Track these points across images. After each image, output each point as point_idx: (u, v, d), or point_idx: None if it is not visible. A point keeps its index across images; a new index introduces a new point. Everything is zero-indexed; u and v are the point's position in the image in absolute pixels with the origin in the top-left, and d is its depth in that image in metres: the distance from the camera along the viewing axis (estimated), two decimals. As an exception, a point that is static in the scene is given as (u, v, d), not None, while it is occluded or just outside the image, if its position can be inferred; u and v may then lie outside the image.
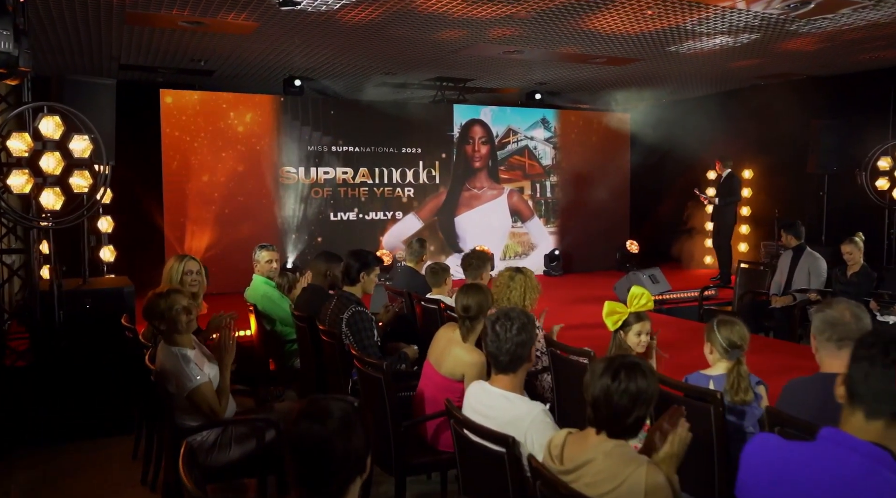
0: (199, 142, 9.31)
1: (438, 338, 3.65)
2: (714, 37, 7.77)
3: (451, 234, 10.80)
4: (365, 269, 4.30)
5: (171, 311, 3.30)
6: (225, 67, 9.39)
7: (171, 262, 4.58)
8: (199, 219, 9.30)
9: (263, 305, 5.12)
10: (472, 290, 3.55)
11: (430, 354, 3.63)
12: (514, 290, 4.33)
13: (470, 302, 3.50)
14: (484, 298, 3.54)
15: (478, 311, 3.51)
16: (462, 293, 3.54)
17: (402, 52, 8.54)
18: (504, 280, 4.39)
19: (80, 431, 4.98)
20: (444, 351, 3.53)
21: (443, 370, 3.48)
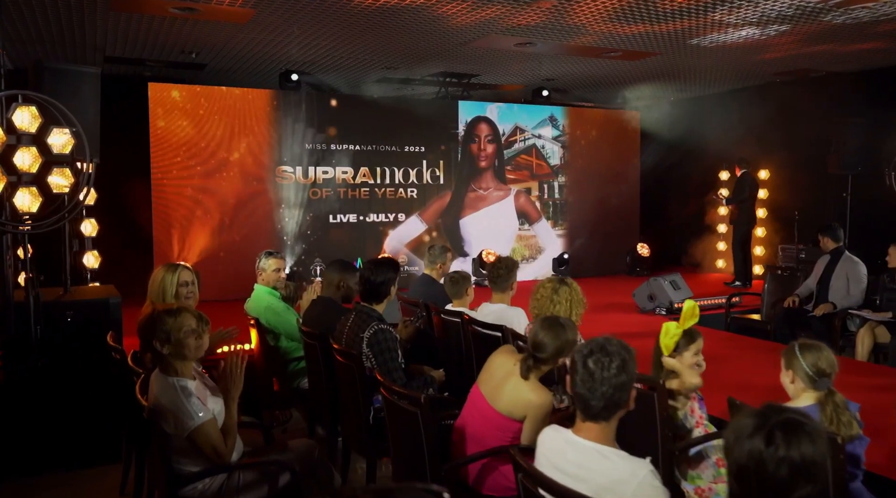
0: (189, 139, 8.74)
1: (495, 366, 3.11)
2: (741, 28, 7.31)
3: (456, 237, 10.28)
4: (393, 283, 3.77)
5: (180, 332, 2.76)
6: (217, 60, 8.84)
7: (162, 273, 4.01)
8: (190, 221, 8.73)
9: (267, 319, 4.58)
10: (555, 327, 2.96)
11: (483, 383, 3.09)
12: (559, 304, 3.83)
13: (548, 341, 2.92)
14: (566, 342, 2.94)
15: (553, 356, 2.96)
16: (543, 327, 2.96)
17: (407, 44, 8.02)
18: (547, 293, 3.88)
19: (59, 461, 4.41)
20: (503, 384, 2.99)
21: (499, 406, 2.95)
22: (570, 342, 2.99)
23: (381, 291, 3.74)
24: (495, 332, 4.23)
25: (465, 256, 10.27)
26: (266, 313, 4.58)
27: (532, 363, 2.97)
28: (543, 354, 2.95)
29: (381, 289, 3.73)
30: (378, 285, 3.72)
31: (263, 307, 4.60)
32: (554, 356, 2.97)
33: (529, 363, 2.97)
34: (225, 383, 2.83)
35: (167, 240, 8.59)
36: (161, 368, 2.81)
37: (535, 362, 2.97)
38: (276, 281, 4.82)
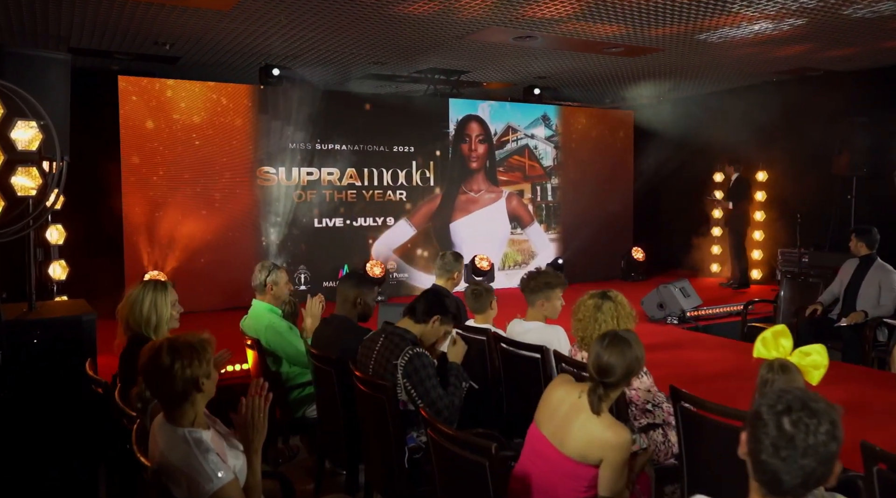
0: (164, 137, 8.07)
1: (555, 401, 2.61)
2: (756, 21, 6.94)
3: (447, 242, 9.76)
4: (442, 312, 3.25)
5: (189, 371, 2.20)
6: (193, 53, 8.20)
7: (149, 294, 3.36)
8: (165, 226, 8.06)
9: (268, 340, 4.02)
10: (619, 343, 2.53)
11: (544, 422, 2.60)
12: (605, 323, 3.35)
13: (615, 362, 2.49)
14: (635, 358, 2.53)
15: (623, 378, 2.50)
16: (605, 346, 2.51)
17: (400, 37, 7.50)
18: (588, 312, 3.40)
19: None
20: (569, 422, 2.50)
21: (568, 450, 2.46)
22: (640, 358, 2.58)
23: (429, 308, 3.21)
24: (534, 353, 3.74)
25: (456, 262, 9.75)
26: (267, 333, 4.01)
27: (603, 392, 2.50)
28: (612, 378, 2.51)
29: (432, 307, 3.21)
30: (422, 306, 3.21)
31: (264, 326, 4.03)
32: (624, 378, 2.55)
33: (600, 393, 2.50)
34: (246, 431, 2.28)
35: (139, 246, 7.91)
36: (167, 415, 2.24)
37: (605, 389, 2.50)
38: (283, 296, 4.25)
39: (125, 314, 3.35)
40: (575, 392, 2.57)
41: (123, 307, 3.41)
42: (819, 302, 6.39)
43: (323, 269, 8.79)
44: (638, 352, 2.56)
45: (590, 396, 2.49)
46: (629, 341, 2.57)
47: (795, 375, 2.55)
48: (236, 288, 8.26)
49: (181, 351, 2.22)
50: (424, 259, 9.60)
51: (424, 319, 3.22)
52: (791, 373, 2.55)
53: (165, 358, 2.20)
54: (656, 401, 3.23)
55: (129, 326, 3.36)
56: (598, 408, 2.49)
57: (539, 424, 2.62)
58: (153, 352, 2.22)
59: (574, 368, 3.44)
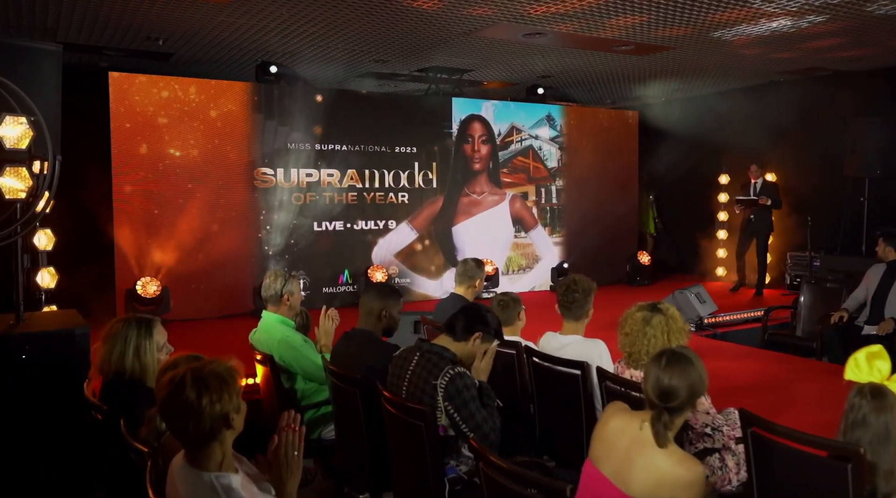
0: (156, 137, 7.70)
1: (612, 434, 2.30)
2: (775, 18, 6.70)
3: (449, 245, 9.46)
4: (484, 329, 2.95)
5: (218, 407, 1.89)
6: (187, 49, 7.85)
7: (132, 339, 2.91)
8: (158, 230, 7.69)
9: (281, 355, 3.69)
10: (679, 362, 2.24)
11: (601, 459, 2.29)
12: (655, 338, 3.06)
13: (677, 383, 2.20)
14: (698, 377, 2.24)
15: (688, 399, 2.21)
16: (663, 367, 2.23)
17: (406, 32, 7.20)
18: (636, 325, 3.10)
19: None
20: (632, 458, 2.20)
21: (633, 490, 2.15)
22: (703, 377, 2.29)
23: (470, 324, 2.90)
24: (573, 369, 3.44)
25: (458, 267, 9.45)
26: (280, 348, 3.69)
27: (668, 419, 2.21)
28: (676, 402, 2.22)
29: (473, 323, 2.90)
30: (462, 323, 2.91)
31: (277, 340, 3.70)
32: (689, 401, 2.26)
33: (665, 420, 2.20)
34: (279, 473, 1.97)
35: (131, 252, 7.54)
36: (190, 457, 1.92)
37: (670, 415, 2.21)
38: (297, 309, 3.93)
39: (104, 360, 2.93)
40: (635, 423, 2.27)
41: (102, 352, 2.96)
42: (844, 309, 6.14)
43: (323, 274, 8.47)
44: (700, 370, 2.28)
45: (654, 425, 2.20)
46: (689, 359, 2.28)
47: (891, 400, 2.27)
48: (233, 294, 7.94)
49: (208, 383, 1.90)
50: (426, 263, 9.29)
51: (465, 337, 2.91)
52: (886, 398, 2.27)
53: (190, 393, 1.88)
54: (716, 424, 2.95)
55: (107, 370, 2.96)
56: (665, 439, 2.19)
57: (596, 461, 2.31)
58: (174, 386, 1.89)
59: (621, 387, 3.15)
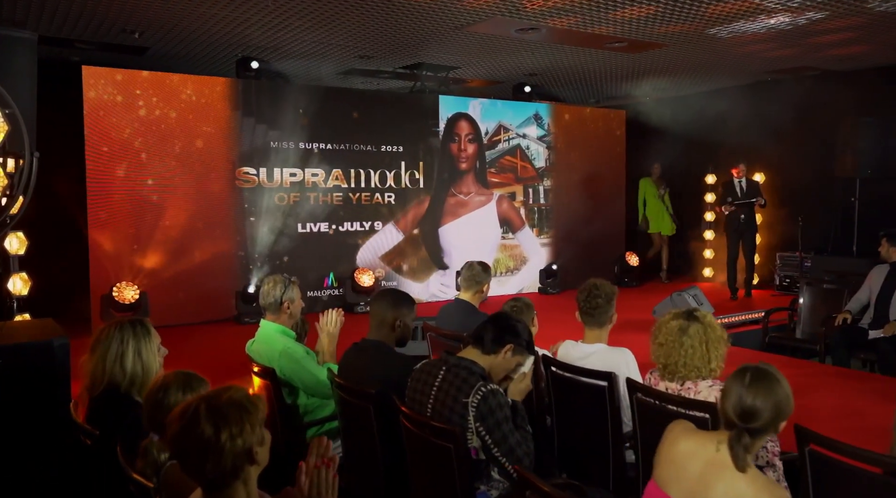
0: (132, 134, 7.33)
1: (682, 456, 2.09)
2: (774, 15, 6.58)
3: (435, 247, 9.22)
4: (515, 340, 2.72)
5: (240, 442, 1.63)
6: (164, 43, 7.51)
7: (129, 341, 2.61)
8: (134, 232, 7.32)
9: (282, 368, 3.41)
10: (765, 380, 2.03)
11: (670, 484, 2.08)
12: (693, 349, 2.86)
13: (762, 404, 2.00)
14: (785, 398, 2.04)
15: (771, 420, 2.01)
16: (748, 385, 2.02)
17: (395, 27, 6.95)
18: (672, 334, 2.89)
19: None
20: (708, 483, 1.99)
21: (711, 519, 1.95)
22: (789, 396, 2.08)
23: (500, 335, 2.67)
24: (598, 380, 3.22)
25: (446, 269, 9.22)
26: (282, 360, 3.41)
27: (749, 441, 2.00)
28: (758, 423, 2.02)
29: (503, 335, 2.67)
30: (503, 329, 2.68)
31: (278, 352, 3.42)
32: (773, 422, 2.05)
33: (745, 442, 1.99)
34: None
35: (107, 255, 7.16)
36: (211, 492, 1.65)
37: (751, 437, 2.01)
38: (298, 317, 3.65)
39: (96, 369, 2.62)
40: (709, 444, 2.06)
41: (93, 362, 2.65)
42: (847, 310, 6.03)
43: (307, 277, 8.13)
44: (787, 389, 2.08)
45: (733, 447, 1.99)
46: (775, 377, 2.08)
47: None
48: (215, 299, 7.61)
49: (227, 415, 1.63)
50: (412, 266, 9.03)
51: (494, 350, 2.67)
52: None
53: (206, 427, 1.61)
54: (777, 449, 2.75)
55: (99, 382, 2.65)
56: (744, 462, 1.99)
57: (664, 485, 2.10)
58: (187, 420, 1.62)
59: (655, 399, 2.94)
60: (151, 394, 2.28)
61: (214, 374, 2.59)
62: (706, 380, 2.86)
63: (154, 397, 2.26)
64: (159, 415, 2.21)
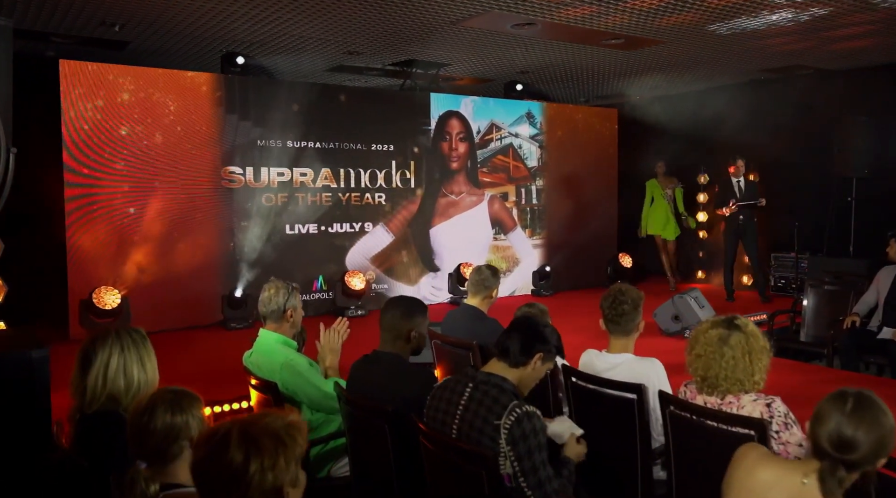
0: (112, 132, 7.00)
1: (761, 485, 1.88)
2: (777, 10, 6.44)
3: (426, 249, 8.98)
4: (544, 347, 2.49)
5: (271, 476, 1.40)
6: (145, 37, 7.20)
7: (131, 350, 2.36)
8: (114, 234, 6.99)
9: (285, 381, 3.16)
10: (870, 409, 1.82)
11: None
12: (733, 359, 2.65)
13: (863, 436, 1.79)
14: (890, 431, 1.83)
15: (871, 453, 1.80)
16: (850, 414, 1.80)
17: (387, 21, 6.70)
18: (711, 345, 2.69)
19: None
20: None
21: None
22: (894, 429, 1.86)
23: (528, 344, 2.44)
24: (627, 393, 3.01)
25: (437, 272, 8.99)
26: (284, 373, 3.15)
27: (844, 474, 1.79)
28: (856, 456, 1.81)
29: (531, 342, 2.44)
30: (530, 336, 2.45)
31: (279, 365, 3.17)
32: (873, 457, 1.83)
33: (840, 476, 1.79)
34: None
35: (86, 258, 6.83)
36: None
37: (847, 470, 1.80)
38: (298, 326, 3.40)
39: (95, 385, 2.34)
40: (794, 475, 1.85)
41: (91, 376, 2.36)
42: (855, 313, 5.89)
43: (295, 280, 7.81)
44: (892, 420, 1.86)
45: (824, 480, 1.78)
46: (880, 406, 1.85)
47: None
48: (200, 303, 7.31)
49: (261, 444, 1.40)
50: (403, 268, 8.78)
51: (523, 361, 2.44)
52: None
53: (237, 454, 1.39)
54: (810, 457, 2.55)
55: (97, 399, 2.38)
56: (834, 495, 1.78)
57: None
58: (215, 443, 1.39)
59: (691, 414, 2.73)
60: (136, 416, 2.02)
61: (202, 384, 2.36)
62: (749, 393, 2.66)
63: (139, 421, 2.00)
64: (146, 440, 1.97)
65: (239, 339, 6.81)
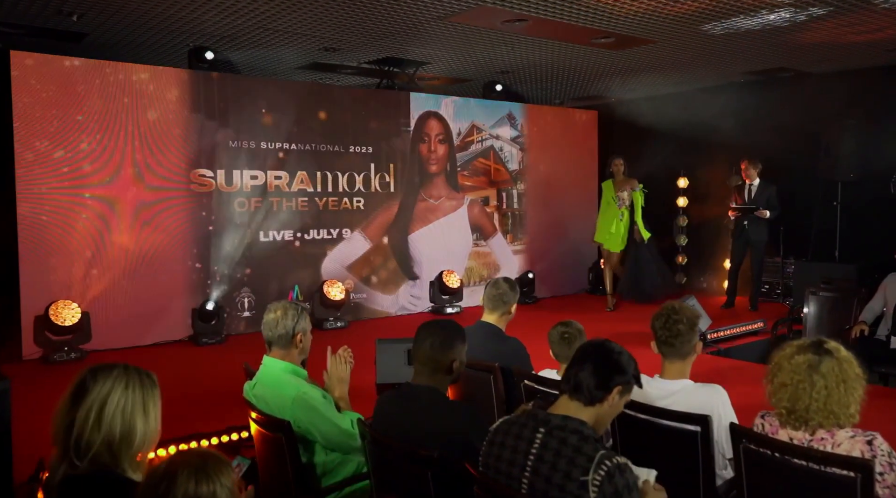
0: (69, 130, 6.42)
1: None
2: (776, 10, 6.24)
3: (405, 256, 8.56)
4: (622, 378, 2.12)
5: None
6: (105, 28, 6.65)
7: (136, 391, 1.91)
8: (74, 243, 6.41)
9: (298, 418, 2.73)
10: None
11: None
12: (828, 390, 2.33)
13: None
14: None
15: None
16: None
17: (370, 15, 6.30)
18: (799, 372, 2.37)
19: None
20: None
21: None
22: None
23: (605, 376, 2.08)
24: (689, 425, 2.68)
25: (416, 280, 8.58)
26: (296, 409, 2.72)
27: None
28: None
29: (609, 375, 2.08)
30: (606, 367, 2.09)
31: (290, 399, 2.73)
32: None
33: None
34: None
35: (41, 269, 6.22)
36: None
37: None
38: (307, 352, 2.97)
39: (83, 429, 1.85)
40: None
41: (76, 409, 1.88)
42: (862, 321, 5.71)
43: (269, 291, 7.38)
44: None
45: None
46: None
47: None
48: (167, 318, 6.76)
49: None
50: (381, 277, 8.36)
51: (601, 397, 2.07)
52: None
53: None
54: None
55: (85, 450, 1.87)
56: None
57: None
58: None
59: (773, 452, 2.41)
60: (150, 487, 1.59)
61: (177, 410, 1.93)
62: (844, 428, 2.34)
63: (155, 492, 1.57)
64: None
65: (210, 356, 6.32)
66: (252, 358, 3.35)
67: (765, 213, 8.19)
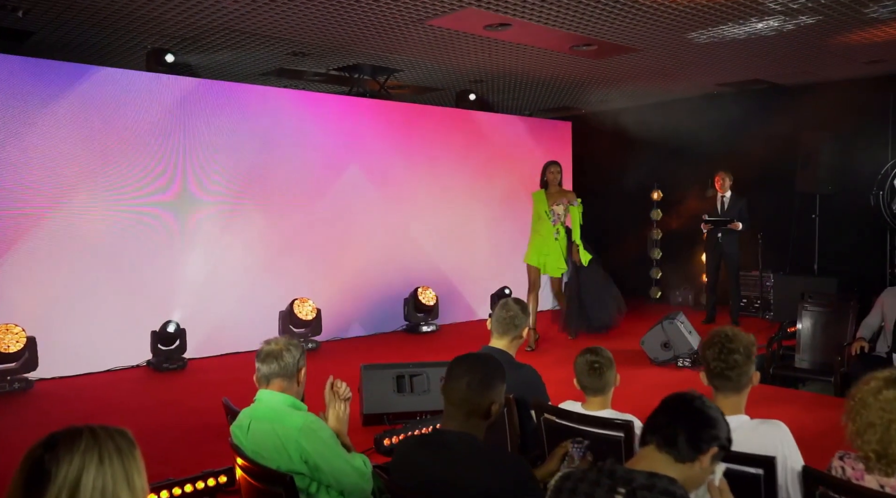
0: (14, 138, 5.85)
1: None
2: (766, 18, 6.09)
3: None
4: (719, 442, 1.80)
5: None
6: (54, 27, 6.12)
7: (115, 463, 1.35)
8: (14, 261, 5.82)
9: (306, 451, 2.33)
10: None
11: None
12: None
13: None
14: None
15: None
16: None
17: (344, 17, 5.92)
18: (890, 409, 2.10)
19: None
20: None
21: None
22: None
23: (701, 436, 1.75)
24: (751, 468, 2.35)
25: (388, 296, 8.17)
26: (303, 440, 2.28)
27: None
28: None
29: (705, 431, 1.75)
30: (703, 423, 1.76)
31: (297, 430, 2.30)
32: None
33: None
34: None
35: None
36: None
37: None
38: (303, 387, 2.58)
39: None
40: None
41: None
42: (861, 337, 5.54)
43: (239, 311, 6.87)
44: None
45: None
46: None
47: None
48: (123, 341, 6.23)
49: None
50: (353, 294, 7.93)
51: (694, 457, 1.74)
52: None
53: None
54: None
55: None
56: None
57: None
58: None
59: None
60: None
61: (142, 447, 1.49)
62: (942, 475, 2.05)
63: None
64: None
65: (173, 383, 5.79)
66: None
67: (738, 226, 7.96)
